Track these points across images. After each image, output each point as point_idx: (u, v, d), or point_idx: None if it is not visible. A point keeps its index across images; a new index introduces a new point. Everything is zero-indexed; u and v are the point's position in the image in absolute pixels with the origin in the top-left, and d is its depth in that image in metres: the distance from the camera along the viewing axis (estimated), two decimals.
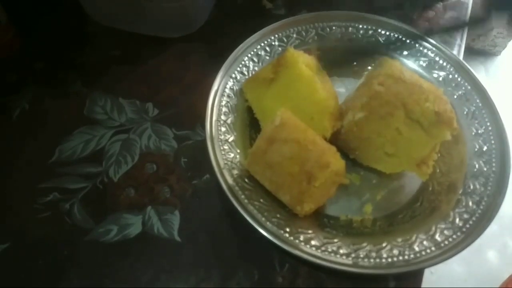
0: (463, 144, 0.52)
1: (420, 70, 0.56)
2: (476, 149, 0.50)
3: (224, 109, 0.51)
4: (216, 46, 0.62)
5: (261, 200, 0.46)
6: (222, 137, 0.49)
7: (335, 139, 0.49)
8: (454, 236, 0.44)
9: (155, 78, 0.59)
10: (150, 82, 0.59)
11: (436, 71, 0.56)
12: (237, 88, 0.54)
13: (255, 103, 0.52)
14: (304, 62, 0.48)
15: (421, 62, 0.57)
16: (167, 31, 0.61)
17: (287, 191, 0.43)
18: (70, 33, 0.63)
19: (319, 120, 0.47)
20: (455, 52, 0.62)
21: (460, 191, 0.48)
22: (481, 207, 0.46)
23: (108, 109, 0.56)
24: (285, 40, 0.58)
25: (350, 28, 0.59)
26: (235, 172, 0.47)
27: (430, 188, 0.50)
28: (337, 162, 0.43)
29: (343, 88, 0.58)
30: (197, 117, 0.55)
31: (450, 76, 0.55)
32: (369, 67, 0.59)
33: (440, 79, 0.56)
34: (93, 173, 0.52)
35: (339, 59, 0.59)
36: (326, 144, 0.43)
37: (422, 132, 0.46)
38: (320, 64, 0.53)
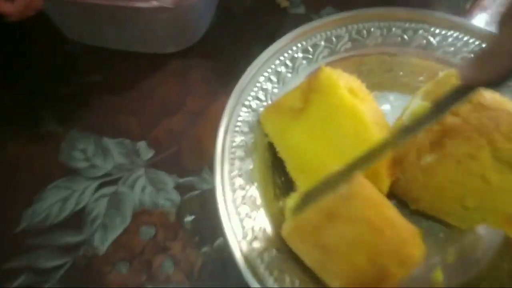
0: None
1: None
2: None
3: (238, 152, 0.39)
4: (222, 60, 0.49)
5: (297, 283, 0.34)
6: (239, 192, 0.37)
7: (392, 187, 0.36)
8: None
9: (148, 108, 0.47)
10: (142, 114, 0.46)
11: None
12: (253, 119, 0.41)
13: (278, 139, 0.40)
14: (346, 87, 0.35)
15: None
16: (160, 47, 0.49)
17: (342, 279, 0.31)
18: (42, 57, 0.50)
19: (370, 168, 0.35)
20: None
21: None
22: None
23: (90, 153, 0.44)
24: (310, 50, 0.45)
25: (394, 29, 0.45)
26: (259, 243, 0.35)
27: None
28: (419, 252, 0.30)
29: (387, 105, 0.46)
30: (204, 156, 0.43)
31: None
32: (421, 78, 0.45)
33: None
34: (73, 243, 0.40)
35: (380, 69, 0.46)
36: (407, 224, 0.31)
37: None
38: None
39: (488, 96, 0.34)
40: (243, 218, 0.36)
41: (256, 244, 0.35)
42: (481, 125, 0.33)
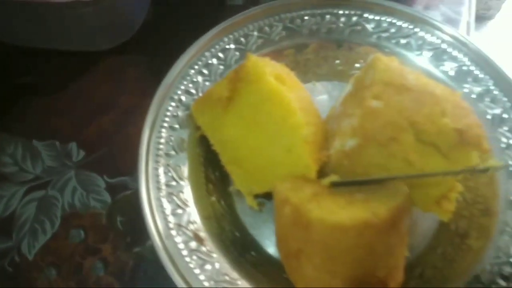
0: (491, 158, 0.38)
1: (424, 65, 0.43)
2: (510, 169, 0.37)
3: (166, 148, 0.38)
4: (158, 56, 0.48)
5: (227, 279, 0.33)
6: (165, 190, 0.36)
7: (321, 173, 0.36)
8: None
9: (80, 108, 0.45)
10: (73, 115, 0.45)
11: (446, 63, 0.42)
12: (183, 114, 0.40)
13: (211, 132, 0.39)
14: (272, 74, 0.34)
15: (425, 53, 0.43)
16: (90, 44, 0.47)
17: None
18: None
19: (298, 154, 0.34)
20: (462, 32, 0.48)
21: (495, 230, 0.35)
22: None
23: (19, 157, 0.42)
24: (243, 41, 0.44)
25: (328, 16, 0.45)
26: (186, 239, 0.34)
27: (453, 227, 0.37)
28: None
29: (325, 95, 0.45)
30: (136, 156, 0.42)
31: (465, 68, 0.42)
32: (357, 65, 0.45)
33: (452, 73, 0.42)
34: (0, 250, 0.38)
35: (316, 59, 0.45)
36: None
37: (440, 158, 0.33)
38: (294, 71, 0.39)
39: (412, 77, 0.34)
40: (168, 215, 0.34)
41: (182, 239, 0.34)
42: (403, 108, 0.32)
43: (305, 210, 0.30)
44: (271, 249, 0.37)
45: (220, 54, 0.43)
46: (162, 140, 0.38)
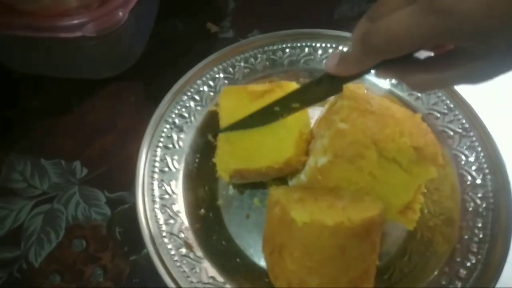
0: (453, 175, 0.43)
1: (393, 89, 0.48)
2: (468, 182, 0.42)
3: (160, 164, 0.42)
4: (155, 83, 0.53)
5: (211, 281, 0.37)
6: (159, 203, 0.40)
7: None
8: None
9: (83, 130, 0.50)
10: (77, 136, 0.49)
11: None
12: (176, 135, 0.44)
13: (226, 112, 0.42)
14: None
15: (392, 80, 0.48)
16: (94, 73, 0.52)
17: None
18: None
19: (286, 143, 0.40)
20: None
21: (456, 237, 0.39)
22: (481, 261, 0.37)
23: (28, 174, 0.47)
24: (231, 70, 0.49)
25: (307, 49, 0.50)
26: (177, 246, 0.38)
27: (419, 235, 0.41)
28: None
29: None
30: (134, 172, 0.46)
31: (429, 93, 0.47)
32: None
33: (417, 97, 0.47)
34: (9, 258, 0.42)
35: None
36: None
37: (401, 172, 0.37)
38: None
39: (375, 102, 0.39)
40: (161, 224, 0.39)
41: (173, 246, 0.38)
42: (367, 129, 0.37)
43: (290, 209, 0.34)
44: (254, 257, 0.41)
45: (210, 82, 0.48)
46: (157, 158, 0.42)
